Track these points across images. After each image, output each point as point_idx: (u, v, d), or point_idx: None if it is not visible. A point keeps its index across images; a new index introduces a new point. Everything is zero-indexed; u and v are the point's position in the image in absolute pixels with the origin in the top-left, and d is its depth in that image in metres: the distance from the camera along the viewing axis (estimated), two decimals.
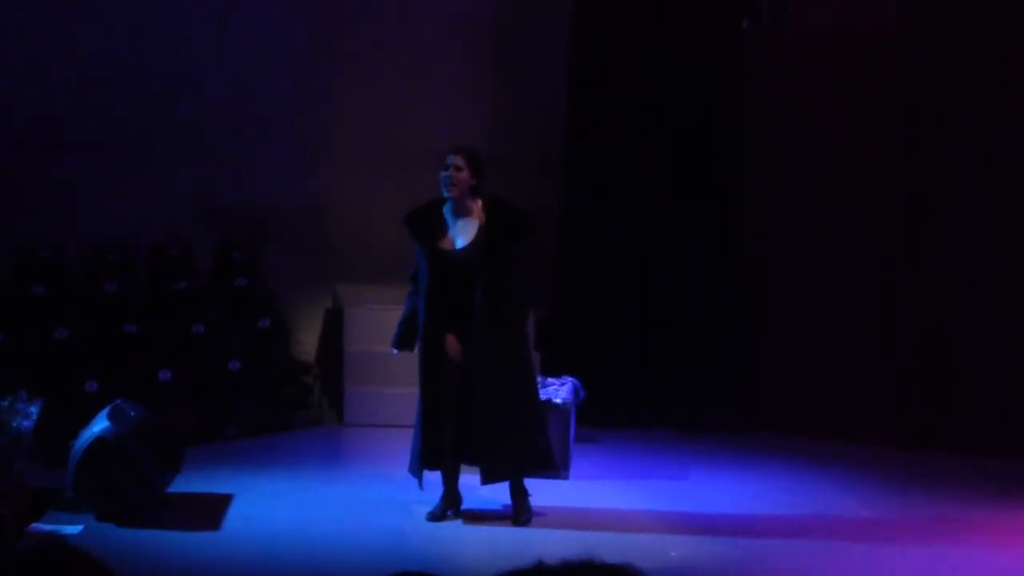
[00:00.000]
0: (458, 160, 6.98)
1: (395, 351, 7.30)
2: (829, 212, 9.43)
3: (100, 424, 7.13)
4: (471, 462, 7.15)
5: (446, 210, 7.07)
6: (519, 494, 7.16)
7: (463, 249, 6.99)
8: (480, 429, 7.00)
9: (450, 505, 7.20)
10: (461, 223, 7.04)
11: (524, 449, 7.07)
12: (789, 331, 9.54)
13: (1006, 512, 7.60)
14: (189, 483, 7.54)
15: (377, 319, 8.89)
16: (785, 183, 9.57)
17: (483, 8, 10.22)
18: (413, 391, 7.21)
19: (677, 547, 6.90)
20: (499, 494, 7.26)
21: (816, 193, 9.47)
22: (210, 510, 7.26)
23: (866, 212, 9.32)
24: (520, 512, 7.14)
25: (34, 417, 7.11)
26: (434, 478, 7.17)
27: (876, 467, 8.59)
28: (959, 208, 9.11)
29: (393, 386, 9.08)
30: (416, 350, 7.13)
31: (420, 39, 10.13)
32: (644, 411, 9.60)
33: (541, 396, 7.59)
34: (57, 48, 9.61)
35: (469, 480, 7.23)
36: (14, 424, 6.97)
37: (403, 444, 7.33)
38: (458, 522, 7.16)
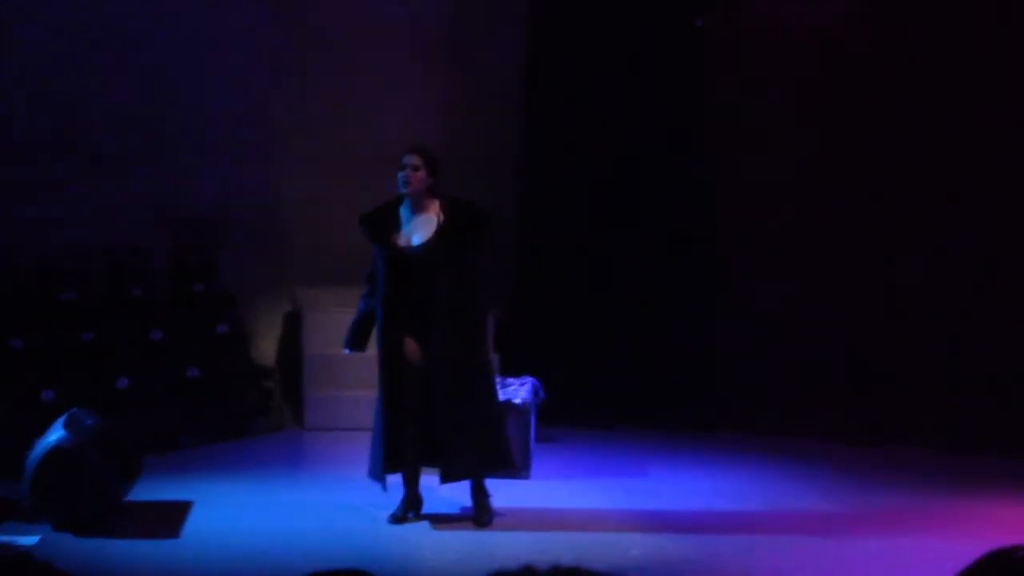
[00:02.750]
0: (415, 159, 6.98)
1: (347, 351, 7.29)
2: (788, 212, 9.47)
3: (56, 433, 7.08)
4: (431, 463, 7.14)
5: (403, 209, 7.07)
6: (480, 495, 7.16)
7: (420, 247, 6.97)
8: (440, 430, 6.99)
9: (411, 507, 7.18)
10: (418, 222, 7.02)
11: (483, 449, 7.07)
12: (747, 330, 9.59)
13: (960, 502, 7.70)
14: (148, 491, 7.53)
15: (337, 322, 8.76)
16: (745, 183, 9.60)
17: (439, 9, 10.26)
18: (373, 394, 7.19)
19: (638, 545, 6.90)
20: (460, 496, 7.26)
21: (776, 193, 9.51)
22: (169, 518, 7.21)
23: (824, 213, 9.36)
24: (481, 513, 7.14)
25: None
26: (395, 480, 7.15)
27: (833, 461, 8.67)
28: (916, 207, 9.17)
29: (353, 389, 9.09)
30: (375, 352, 7.09)
31: (375, 40, 10.16)
32: (604, 410, 9.63)
33: (500, 396, 7.59)
34: (5, 52, 9.57)
35: (430, 482, 7.22)
36: None
37: (364, 447, 7.30)
38: (419, 524, 7.14)
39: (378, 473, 7.09)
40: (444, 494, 7.29)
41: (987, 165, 9.02)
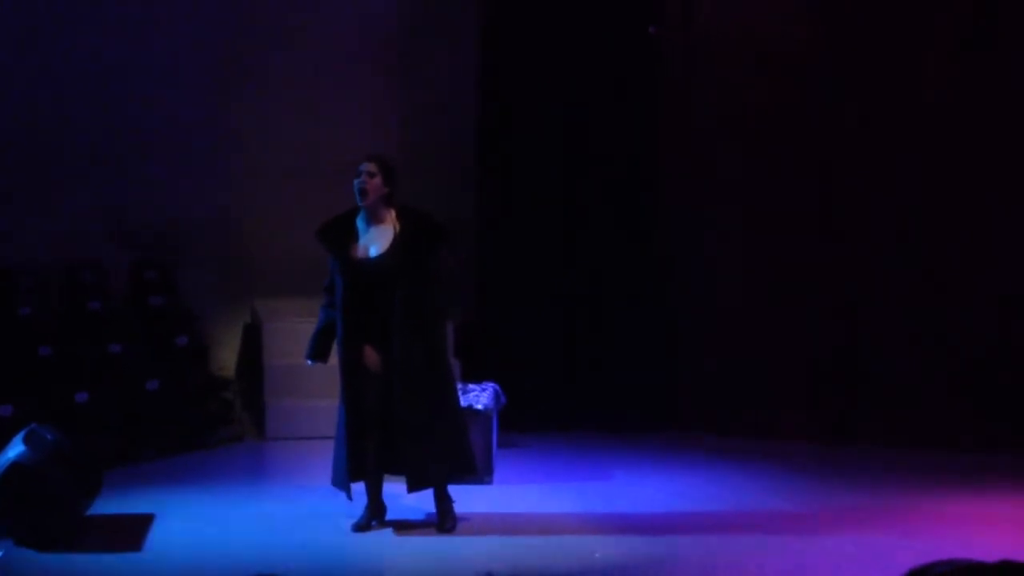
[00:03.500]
0: (371, 167, 6.99)
1: (309, 363, 7.28)
2: (745, 215, 9.54)
3: (15, 449, 7.02)
4: (394, 471, 7.14)
5: (359, 220, 7.07)
6: (443, 501, 7.16)
7: (378, 257, 6.98)
8: (402, 438, 6.99)
9: (375, 515, 7.18)
10: (374, 232, 7.03)
11: (447, 456, 7.08)
12: (707, 332, 9.65)
13: (918, 500, 7.77)
14: (109, 505, 7.47)
15: (296, 332, 8.82)
16: (701, 186, 9.66)
17: (392, 18, 10.31)
18: (334, 403, 7.18)
19: (602, 548, 6.91)
20: (423, 502, 7.26)
21: (732, 195, 9.57)
22: (131, 531, 7.16)
23: (781, 216, 9.44)
24: (445, 519, 7.14)
25: None
26: (358, 488, 7.14)
27: (794, 462, 8.74)
28: (871, 211, 9.26)
29: (314, 399, 9.11)
30: (337, 361, 7.09)
31: (330, 50, 10.19)
32: (566, 414, 9.67)
33: (462, 402, 7.62)
34: None
35: (392, 489, 7.22)
36: None
37: (326, 456, 7.31)
38: (384, 532, 7.13)
39: (343, 482, 7.08)
40: (408, 501, 7.28)
41: (944, 167, 9.11)
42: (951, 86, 9.04)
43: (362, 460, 7.03)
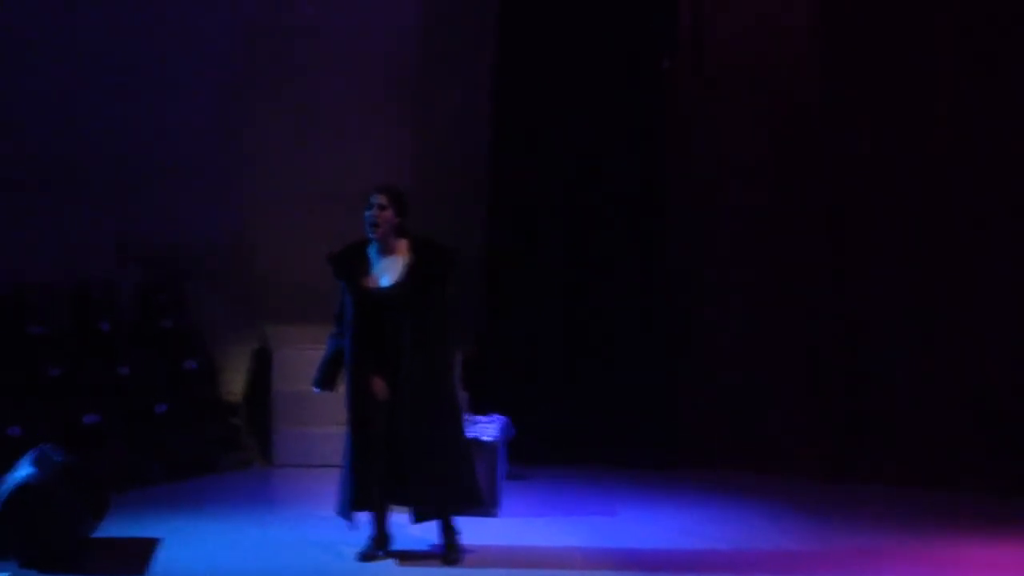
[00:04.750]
0: (382, 199, 6.99)
1: (316, 390, 7.27)
2: (752, 252, 9.56)
3: (24, 470, 7.02)
4: (400, 501, 7.10)
5: (371, 250, 7.06)
6: (449, 533, 7.13)
7: (389, 288, 6.97)
8: (408, 468, 6.96)
9: (380, 545, 7.15)
10: (386, 262, 7.02)
11: (452, 487, 7.05)
12: (713, 369, 9.65)
13: (921, 540, 7.74)
14: (115, 527, 7.48)
15: (306, 359, 8.73)
16: (709, 221, 9.69)
17: (406, 48, 10.31)
18: (342, 431, 7.16)
19: None
20: (429, 533, 7.22)
21: (739, 232, 9.60)
22: (137, 554, 7.14)
23: (789, 252, 9.46)
24: (450, 551, 7.10)
25: None
26: (364, 518, 7.11)
27: (798, 500, 8.72)
28: (881, 245, 9.27)
29: (322, 426, 9.10)
30: (344, 390, 7.07)
31: (344, 78, 10.23)
32: (573, 448, 9.66)
33: (469, 434, 7.58)
34: None
35: (399, 519, 7.18)
36: None
37: (333, 484, 7.26)
38: (388, 562, 7.08)
39: (346, 511, 7.05)
40: (413, 531, 7.25)
41: (939, 198, 9.12)
42: (957, 116, 9.05)
43: (367, 489, 7.00)
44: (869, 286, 9.27)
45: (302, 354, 9.12)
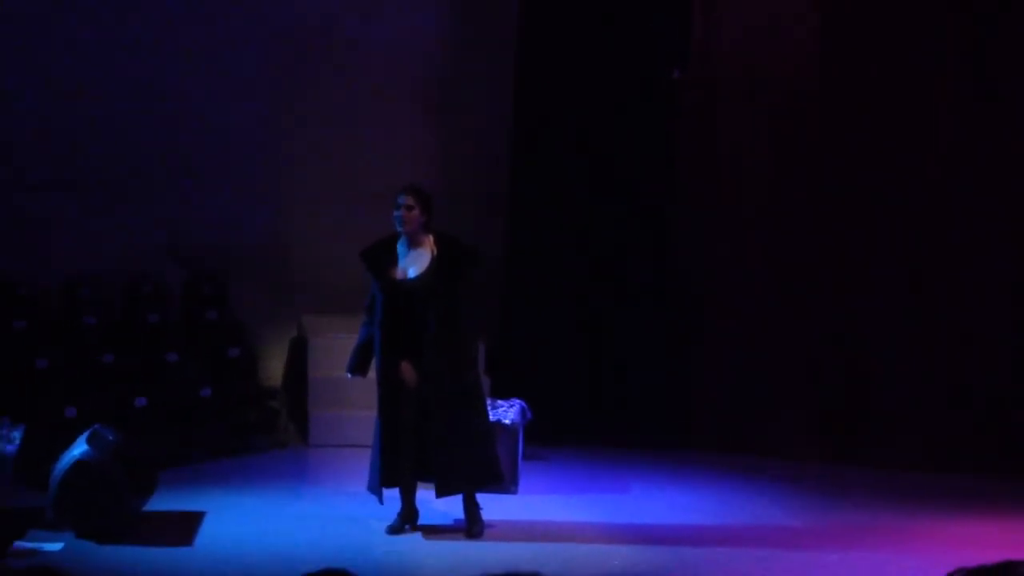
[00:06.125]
0: (408, 200, 7.07)
1: (349, 376, 7.34)
2: (758, 247, 9.48)
3: (79, 448, 7.11)
4: (426, 479, 7.19)
5: (400, 245, 7.16)
6: (471, 508, 7.21)
7: (415, 279, 7.06)
8: (434, 447, 7.05)
9: (408, 520, 7.24)
10: (413, 256, 7.11)
11: (475, 465, 7.12)
12: (721, 357, 9.57)
13: (914, 520, 7.75)
14: (164, 502, 7.52)
15: (339, 347, 8.67)
16: (718, 218, 9.61)
17: (433, 59, 10.28)
18: (373, 414, 7.23)
19: (619, 556, 6.95)
20: (453, 509, 7.30)
21: (746, 229, 9.52)
22: (183, 527, 7.24)
23: (793, 246, 9.38)
24: (472, 525, 7.19)
25: (17, 442, 7.14)
26: (392, 494, 7.19)
27: (800, 481, 8.67)
28: (879, 241, 9.18)
29: (354, 409, 9.04)
30: (375, 375, 7.16)
31: (375, 85, 10.17)
32: (588, 430, 9.59)
33: (491, 417, 7.64)
34: (35, 91, 9.60)
35: (425, 495, 7.27)
36: None
37: (364, 463, 7.34)
38: (415, 535, 7.18)
39: (376, 487, 7.15)
40: (439, 507, 7.33)
41: (940, 197, 9.04)
42: (961, 123, 8.95)
43: (395, 468, 7.08)
44: (870, 281, 9.18)
45: (335, 343, 9.08)
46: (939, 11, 9.02)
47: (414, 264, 7.09)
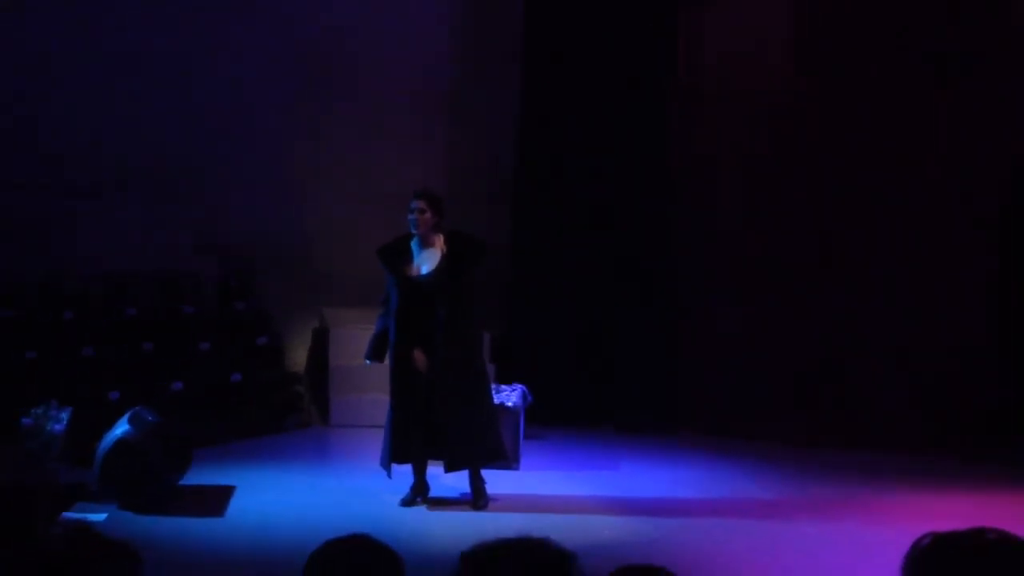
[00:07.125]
0: (421, 204, 7.19)
1: (367, 362, 7.46)
2: (742, 243, 9.51)
3: (122, 428, 7.24)
4: (436, 456, 7.32)
5: (413, 244, 7.29)
6: (477, 482, 7.37)
7: (427, 275, 7.19)
8: (443, 427, 7.18)
9: (419, 493, 7.40)
10: (426, 253, 7.24)
11: (481, 443, 7.25)
12: (707, 345, 9.63)
13: (884, 495, 7.80)
14: (198, 477, 7.65)
15: (357, 337, 8.74)
16: (705, 215, 9.65)
17: (444, 66, 10.36)
18: (388, 397, 7.35)
19: (610, 526, 7.03)
20: (461, 484, 7.44)
21: (732, 224, 9.55)
22: (215, 500, 7.35)
23: (775, 241, 9.40)
24: (478, 498, 7.35)
25: (65, 422, 7.28)
26: (404, 469, 7.31)
27: (779, 460, 8.71)
28: (857, 235, 9.18)
29: (371, 393, 9.13)
30: (388, 362, 7.30)
31: (390, 92, 10.26)
32: (584, 413, 9.69)
33: (495, 400, 7.77)
34: (80, 104, 9.70)
35: (435, 471, 7.42)
36: (47, 428, 7.16)
37: (379, 442, 7.39)
38: (425, 507, 7.31)
39: (386, 463, 7.27)
40: (447, 481, 7.45)
41: (918, 195, 9.01)
42: (957, 117, 8.86)
43: (405, 446, 7.19)
44: (847, 275, 9.18)
45: (354, 333, 9.16)
46: (939, 11, 8.92)
47: (427, 262, 7.21)
